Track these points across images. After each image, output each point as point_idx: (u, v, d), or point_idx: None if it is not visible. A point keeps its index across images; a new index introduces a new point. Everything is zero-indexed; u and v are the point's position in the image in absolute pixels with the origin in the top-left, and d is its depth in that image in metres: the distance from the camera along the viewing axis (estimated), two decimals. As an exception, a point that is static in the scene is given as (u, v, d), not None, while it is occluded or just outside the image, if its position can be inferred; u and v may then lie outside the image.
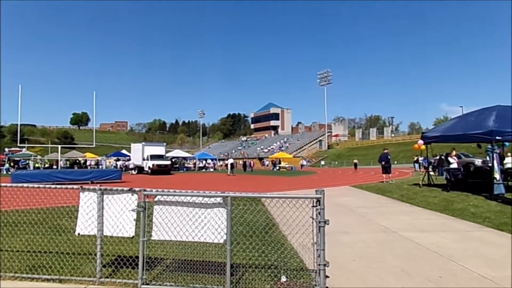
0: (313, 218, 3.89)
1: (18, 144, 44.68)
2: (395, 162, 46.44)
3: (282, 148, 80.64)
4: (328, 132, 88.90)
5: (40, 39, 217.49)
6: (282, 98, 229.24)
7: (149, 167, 35.94)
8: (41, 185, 4.78)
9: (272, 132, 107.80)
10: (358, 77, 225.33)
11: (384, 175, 19.82)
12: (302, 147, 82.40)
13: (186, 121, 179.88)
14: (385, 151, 20.38)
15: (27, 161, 47.40)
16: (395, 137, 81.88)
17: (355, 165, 48.88)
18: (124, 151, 58.35)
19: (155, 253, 4.92)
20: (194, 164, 54.07)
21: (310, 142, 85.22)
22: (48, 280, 4.21)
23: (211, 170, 51.49)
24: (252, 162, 50.84)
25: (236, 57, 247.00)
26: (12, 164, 45.36)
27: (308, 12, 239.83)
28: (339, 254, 5.41)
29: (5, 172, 39.64)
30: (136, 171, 39.68)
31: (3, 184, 4.78)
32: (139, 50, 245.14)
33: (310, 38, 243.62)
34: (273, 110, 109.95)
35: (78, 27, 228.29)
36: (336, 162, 66.38)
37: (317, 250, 3.80)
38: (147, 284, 4.03)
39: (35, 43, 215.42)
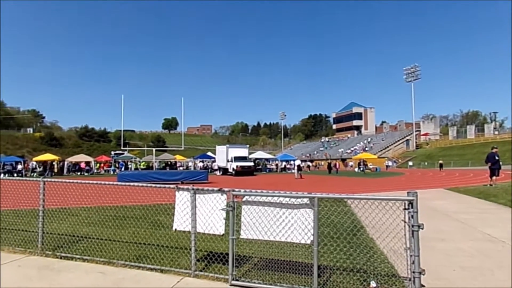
0: (405, 222, 3.66)
1: (122, 148, 50.51)
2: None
3: (366, 149, 77.18)
4: (416, 131, 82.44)
5: (134, 53, 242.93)
6: (365, 97, 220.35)
7: (233, 169, 37.40)
8: (143, 184, 5.35)
9: (355, 132, 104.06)
10: (451, 69, 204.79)
11: (491, 178, 17.50)
12: (387, 147, 77.90)
13: (268, 123, 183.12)
14: (493, 150, 17.87)
15: (126, 163, 53.07)
16: (500, 135, 71.95)
17: (441, 165, 44.97)
18: (209, 153, 61.67)
19: (244, 251, 5.12)
20: (276, 165, 54.76)
21: (396, 142, 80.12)
22: (151, 269, 4.68)
23: (293, 171, 51.49)
24: (337, 164, 49.00)
25: (316, 57, 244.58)
26: (117, 165, 51.42)
27: (388, 3, 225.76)
28: (436, 263, 4.97)
29: (112, 173, 45.17)
30: (221, 172, 41.66)
31: (107, 182, 5.47)
32: (222, 56, 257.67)
33: (393, 31, 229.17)
34: (355, 110, 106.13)
35: (167, 37, 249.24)
36: (426, 163, 61.24)
37: (411, 256, 3.57)
38: (237, 280, 4.21)
39: (134, 57, 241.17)
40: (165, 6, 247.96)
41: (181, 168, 54.31)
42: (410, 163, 63.59)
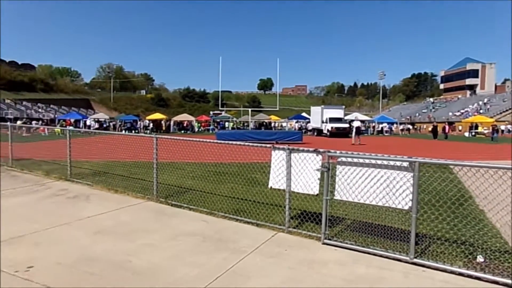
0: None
1: (219, 108, 53.51)
2: None
3: (481, 111, 67.38)
4: (553, 88, 68.42)
5: (231, 16, 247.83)
6: (484, 50, 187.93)
7: (328, 130, 36.66)
8: (240, 143, 5.65)
9: (468, 92, 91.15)
10: None
11: None
12: (510, 109, 66.73)
13: (365, 83, 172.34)
14: None
15: (225, 123, 56.39)
16: None
17: None
18: (304, 114, 61.28)
19: (337, 212, 5.11)
20: (373, 127, 51.97)
21: (523, 102, 67.90)
22: (247, 222, 5.04)
23: (386, 134, 48.32)
24: (446, 127, 42.69)
25: (421, 5, 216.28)
26: (215, 124, 55.00)
27: None
28: None
29: (210, 131, 48.64)
30: (315, 133, 41.34)
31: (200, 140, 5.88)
32: (317, 15, 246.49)
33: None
34: (470, 66, 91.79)
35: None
36: (562, 128, 51.07)
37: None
38: (329, 239, 4.27)
39: (231, 20, 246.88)
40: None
41: (272, 129, 55.46)
42: (539, 128, 54.00)
